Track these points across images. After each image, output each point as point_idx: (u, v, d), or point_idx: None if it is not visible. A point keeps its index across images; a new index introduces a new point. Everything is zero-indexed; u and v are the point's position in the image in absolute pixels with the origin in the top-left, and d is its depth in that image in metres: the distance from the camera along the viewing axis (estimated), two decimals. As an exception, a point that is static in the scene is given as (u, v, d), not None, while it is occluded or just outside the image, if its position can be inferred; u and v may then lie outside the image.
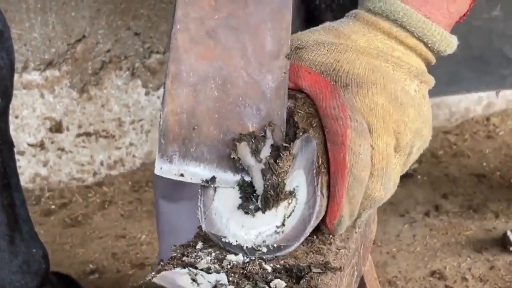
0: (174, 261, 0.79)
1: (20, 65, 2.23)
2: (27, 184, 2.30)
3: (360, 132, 0.84)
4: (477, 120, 2.70)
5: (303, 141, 0.82)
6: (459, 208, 2.15)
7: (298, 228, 0.82)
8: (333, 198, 0.84)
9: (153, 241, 2.06)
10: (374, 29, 0.90)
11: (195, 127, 0.81)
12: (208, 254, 0.81)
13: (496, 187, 2.26)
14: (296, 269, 0.78)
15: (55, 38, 2.26)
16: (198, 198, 0.84)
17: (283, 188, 0.82)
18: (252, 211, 0.82)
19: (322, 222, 0.86)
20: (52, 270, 1.57)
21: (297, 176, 0.82)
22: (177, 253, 0.83)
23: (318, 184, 0.81)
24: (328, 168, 0.84)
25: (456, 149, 2.53)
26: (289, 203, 0.82)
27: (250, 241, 0.82)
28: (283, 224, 0.82)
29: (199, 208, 0.83)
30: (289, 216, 0.82)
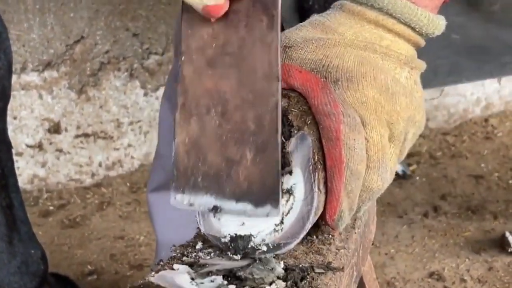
0: (173, 261, 0.79)
1: (18, 66, 2.23)
2: (25, 185, 2.30)
3: (353, 126, 0.84)
4: (476, 121, 2.70)
5: (298, 139, 0.83)
6: (458, 209, 2.15)
7: (297, 225, 0.82)
8: (332, 193, 0.84)
9: (151, 242, 2.06)
10: (360, 19, 0.91)
11: (201, 156, 0.83)
12: (207, 254, 0.82)
13: (494, 188, 2.27)
14: (299, 270, 0.78)
15: (54, 39, 2.26)
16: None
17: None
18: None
19: (322, 219, 0.86)
20: (50, 271, 1.57)
21: (294, 174, 0.83)
22: (177, 253, 0.83)
23: (315, 180, 0.82)
24: (324, 164, 0.84)
25: (455, 150, 2.53)
26: (287, 200, 0.82)
27: (252, 242, 0.82)
28: (281, 222, 0.82)
29: (198, 215, 0.84)
30: (287, 213, 0.82)
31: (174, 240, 1.39)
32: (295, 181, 0.83)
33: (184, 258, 0.79)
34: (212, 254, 0.82)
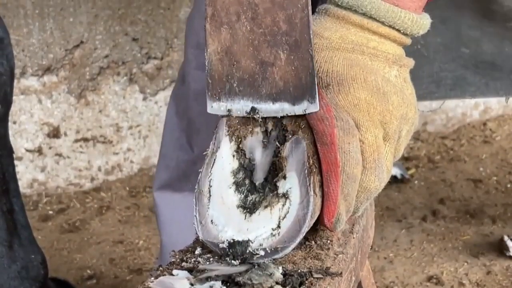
0: (173, 266, 0.80)
1: (18, 71, 2.24)
2: (24, 190, 2.31)
3: (347, 130, 0.86)
4: (474, 125, 2.70)
5: (293, 143, 0.84)
6: (456, 213, 2.16)
7: (294, 229, 0.83)
8: (329, 197, 0.85)
9: (150, 247, 2.07)
10: (346, 23, 0.92)
11: (235, 63, 0.85)
12: (207, 260, 0.82)
13: (493, 192, 2.27)
14: (297, 275, 0.78)
15: (53, 43, 2.27)
16: (193, 208, 0.84)
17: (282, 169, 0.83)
18: (251, 206, 0.83)
19: (320, 222, 0.86)
20: (50, 276, 1.57)
21: (289, 178, 0.84)
22: (176, 258, 0.84)
23: (311, 184, 0.83)
24: (319, 168, 0.85)
25: (453, 154, 2.53)
26: (283, 205, 0.83)
27: (249, 247, 0.83)
28: (278, 226, 0.83)
29: (194, 217, 0.84)
30: (283, 218, 0.83)
31: (179, 240, 1.39)
32: (291, 185, 0.83)
33: (183, 264, 0.80)
34: (211, 259, 0.82)
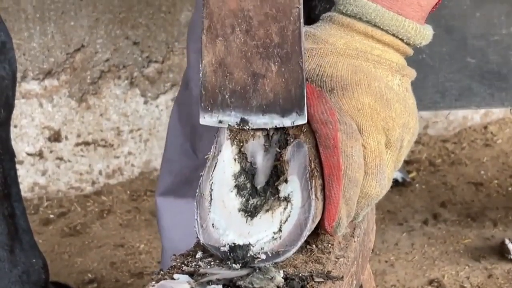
0: (174, 270, 0.80)
1: (19, 75, 2.24)
2: (25, 193, 2.31)
3: (350, 134, 0.86)
4: (475, 129, 2.70)
5: (295, 146, 0.84)
6: (457, 216, 2.16)
7: (295, 233, 0.83)
8: (330, 201, 0.85)
9: (151, 250, 2.07)
10: (350, 30, 0.92)
11: (228, 74, 0.86)
12: (207, 264, 0.82)
13: (494, 195, 2.27)
14: (298, 279, 0.78)
15: (54, 47, 2.27)
16: (195, 211, 0.85)
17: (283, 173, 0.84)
18: (252, 210, 0.83)
19: (320, 226, 0.86)
20: (51, 280, 1.57)
21: (291, 182, 0.84)
22: (177, 262, 0.83)
23: (312, 188, 0.83)
24: (321, 171, 0.85)
25: (454, 157, 2.53)
26: (285, 208, 0.83)
27: (251, 250, 0.83)
28: (279, 230, 0.83)
29: (195, 221, 0.84)
30: (285, 221, 0.83)
31: (180, 246, 1.39)
32: (292, 189, 0.83)
33: (184, 268, 0.80)
34: (212, 263, 0.82)
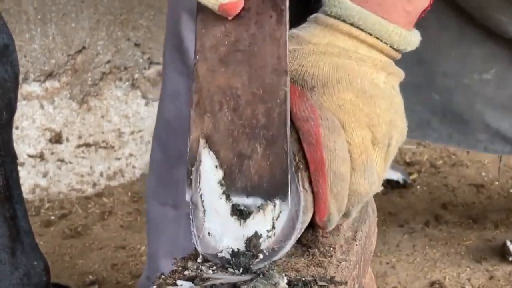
0: (175, 275, 0.80)
1: (20, 76, 2.24)
2: (26, 195, 2.31)
3: (332, 128, 0.86)
4: (476, 130, 2.70)
5: None
6: (459, 218, 2.15)
7: (288, 227, 0.83)
8: (318, 196, 0.86)
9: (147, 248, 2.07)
10: (334, 31, 0.92)
11: (214, 152, 0.85)
12: (209, 268, 0.82)
13: (495, 197, 2.27)
14: (302, 283, 0.78)
15: (55, 49, 2.27)
16: (190, 223, 0.85)
17: None
18: (244, 212, 0.83)
19: (314, 221, 0.87)
20: (52, 281, 1.57)
21: None
22: (178, 266, 0.83)
23: (299, 180, 0.83)
24: (307, 165, 0.86)
25: (455, 159, 2.53)
26: (275, 205, 0.83)
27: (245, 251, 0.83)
28: (273, 227, 0.83)
29: (192, 233, 0.85)
30: (277, 218, 0.83)
31: (159, 254, 1.39)
32: None
33: (186, 272, 0.79)
34: (214, 267, 0.82)
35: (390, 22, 0.92)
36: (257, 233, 0.83)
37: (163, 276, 0.79)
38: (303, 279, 0.79)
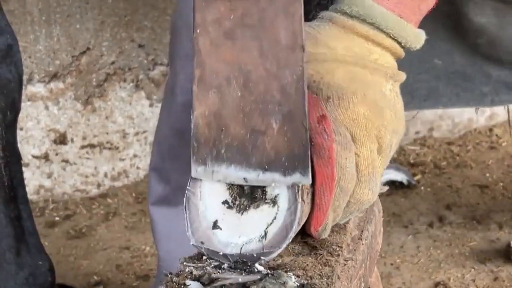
0: (184, 274, 0.79)
1: (24, 77, 2.24)
2: (31, 196, 2.31)
3: (345, 144, 0.86)
4: (480, 131, 2.70)
5: None
6: (463, 219, 2.15)
7: (281, 235, 0.83)
8: (320, 208, 0.86)
9: (157, 253, 2.06)
10: (351, 33, 0.92)
11: (223, 128, 0.83)
12: (216, 267, 0.82)
13: (499, 198, 2.27)
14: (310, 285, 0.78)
15: (60, 50, 2.27)
16: (184, 213, 0.85)
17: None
18: (242, 208, 0.83)
19: (306, 229, 0.87)
20: (57, 282, 1.57)
21: (278, 184, 0.84)
22: (185, 265, 0.83)
23: (299, 191, 0.83)
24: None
25: (459, 160, 2.53)
26: (271, 210, 0.83)
27: (237, 249, 0.83)
28: (266, 231, 0.83)
29: (186, 223, 0.84)
30: (271, 223, 0.83)
31: (177, 256, 1.39)
32: (279, 191, 0.84)
33: (194, 272, 0.79)
34: (221, 266, 0.82)
35: (407, 22, 0.92)
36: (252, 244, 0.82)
37: (171, 276, 0.79)
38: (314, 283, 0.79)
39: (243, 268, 0.81)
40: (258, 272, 0.80)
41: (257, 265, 0.81)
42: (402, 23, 0.92)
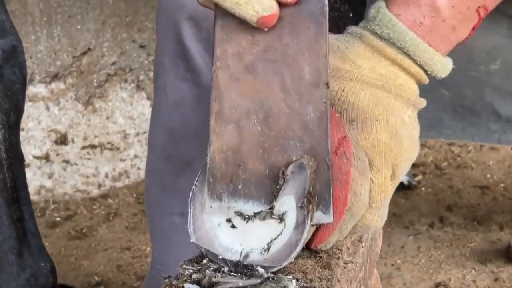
0: (183, 278, 0.79)
1: (25, 78, 2.25)
2: (32, 196, 2.29)
3: (362, 171, 0.85)
4: (481, 132, 2.70)
5: (296, 167, 0.82)
6: (463, 220, 2.15)
7: (284, 252, 0.82)
8: (326, 229, 0.85)
9: (152, 253, 2.06)
10: (379, 54, 0.91)
11: (241, 163, 0.82)
12: (215, 271, 0.82)
13: (500, 199, 2.27)
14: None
15: (61, 50, 2.27)
16: (189, 208, 0.84)
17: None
18: (247, 216, 0.83)
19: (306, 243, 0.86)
20: (58, 283, 1.57)
21: (287, 201, 0.82)
22: (184, 269, 0.83)
23: (309, 212, 0.82)
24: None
25: (460, 160, 2.53)
26: (277, 225, 0.82)
27: (236, 256, 0.83)
28: (268, 245, 0.82)
29: (189, 219, 0.83)
30: (275, 238, 0.82)
31: (170, 262, 1.38)
32: (287, 208, 0.82)
33: (194, 275, 0.79)
34: (221, 270, 0.82)
35: (435, 50, 0.92)
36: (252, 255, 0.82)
37: (170, 279, 0.79)
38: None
39: (243, 271, 0.80)
40: (259, 276, 0.80)
41: (258, 269, 0.80)
42: (430, 51, 0.91)
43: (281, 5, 0.81)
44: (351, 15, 1.24)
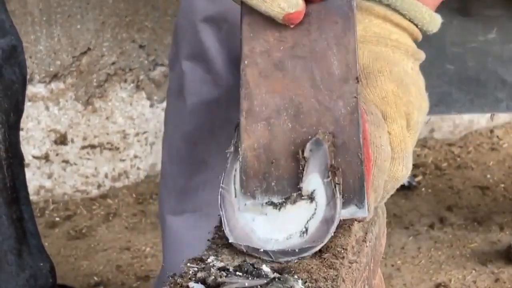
0: (187, 276, 0.79)
1: (25, 78, 2.24)
2: (31, 196, 2.29)
3: (377, 123, 0.86)
4: (481, 132, 2.70)
5: (313, 144, 0.82)
6: (464, 220, 2.15)
7: (322, 229, 0.82)
8: None
9: (157, 254, 2.06)
10: (369, 14, 0.93)
11: (273, 160, 0.81)
12: (220, 269, 0.81)
13: (500, 199, 2.27)
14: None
15: (60, 50, 2.27)
16: (220, 211, 0.84)
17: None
18: (278, 204, 0.82)
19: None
20: (57, 283, 1.56)
21: (312, 179, 0.82)
22: (188, 267, 0.83)
23: (336, 185, 0.81)
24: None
25: (460, 161, 2.53)
26: (309, 205, 0.82)
27: (278, 245, 0.82)
28: (306, 227, 0.82)
29: (223, 221, 0.83)
30: (310, 218, 0.82)
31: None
32: (315, 186, 0.82)
33: (199, 274, 0.79)
34: (225, 269, 0.81)
35: (423, 4, 0.93)
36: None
37: (175, 277, 0.79)
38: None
39: (249, 271, 0.80)
40: (265, 276, 0.79)
41: (263, 268, 0.80)
42: (418, 5, 0.93)
43: (307, 1, 0.82)
44: None
